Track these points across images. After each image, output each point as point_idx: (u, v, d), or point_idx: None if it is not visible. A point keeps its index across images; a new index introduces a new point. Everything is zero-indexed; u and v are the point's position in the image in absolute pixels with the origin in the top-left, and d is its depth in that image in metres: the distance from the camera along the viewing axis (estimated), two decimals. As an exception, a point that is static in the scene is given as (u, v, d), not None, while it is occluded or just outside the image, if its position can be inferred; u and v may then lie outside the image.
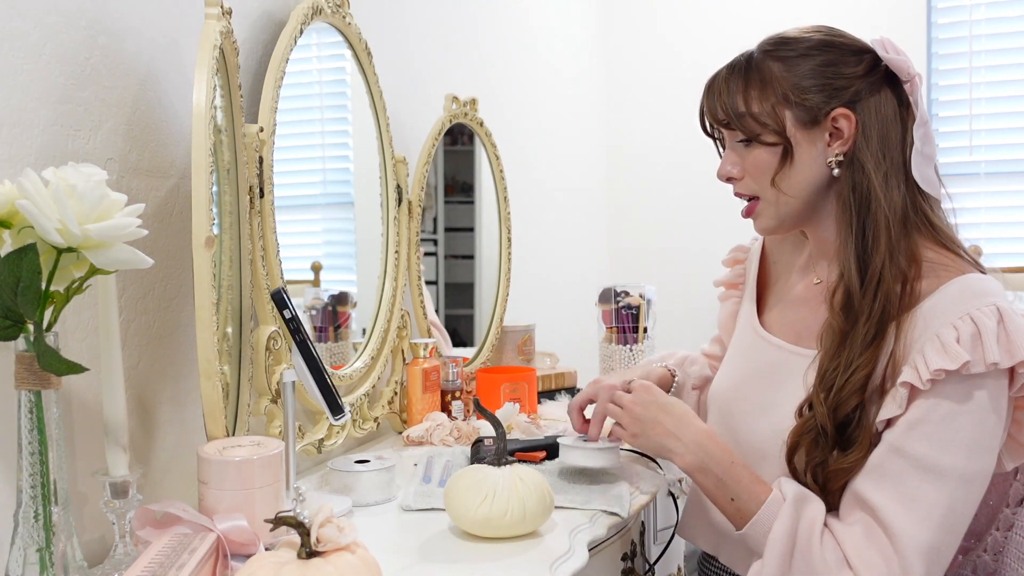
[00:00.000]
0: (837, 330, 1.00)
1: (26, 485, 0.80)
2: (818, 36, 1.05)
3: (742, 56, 1.09)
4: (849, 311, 0.99)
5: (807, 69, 1.03)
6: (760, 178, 1.06)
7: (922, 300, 0.97)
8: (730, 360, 1.20)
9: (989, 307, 0.93)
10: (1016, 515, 1.05)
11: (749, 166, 1.07)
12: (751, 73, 1.05)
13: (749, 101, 1.04)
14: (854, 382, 0.97)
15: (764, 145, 1.04)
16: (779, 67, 1.04)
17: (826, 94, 1.02)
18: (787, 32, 1.08)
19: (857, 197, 1.01)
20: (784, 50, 1.05)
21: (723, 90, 1.07)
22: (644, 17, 3.03)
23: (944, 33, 2.69)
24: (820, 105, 1.02)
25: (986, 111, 2.62)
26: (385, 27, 1.61)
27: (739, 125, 1.05)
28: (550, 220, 2.51)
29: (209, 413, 0.97)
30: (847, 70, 1.03)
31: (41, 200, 0.76)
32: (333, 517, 0.78)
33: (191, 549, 0.80)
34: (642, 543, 1.29)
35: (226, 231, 1.10)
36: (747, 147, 1.07)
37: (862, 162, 1.01)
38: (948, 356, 0.91)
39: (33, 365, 0.78)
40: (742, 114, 1.05)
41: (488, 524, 0.98)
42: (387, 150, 1.52)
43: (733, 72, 1.07)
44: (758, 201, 1.08)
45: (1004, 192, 2.65)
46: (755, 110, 1.04)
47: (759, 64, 1.05)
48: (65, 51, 0.93)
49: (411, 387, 1.53)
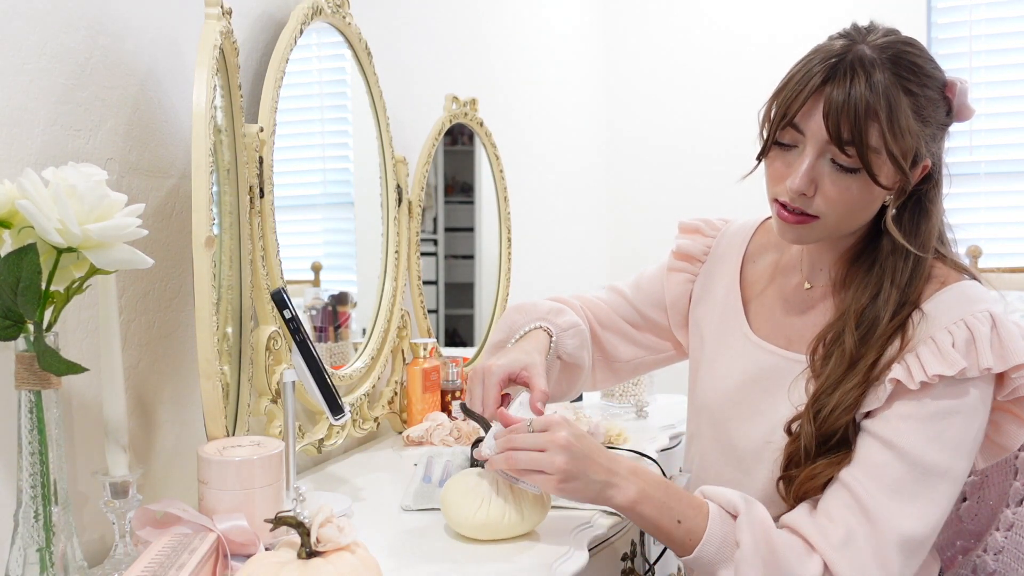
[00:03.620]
0: (848, 355, 0.97)
1: (26, 485, 0.80)
2: (929, 65, 0.98)
3: (861, 65, 0.94)
4: (867, 339, 0.97)
5: (927, 112, 0.96)
6: (842, 207, 0.97)
7: (920, 306, 0.97)
8: (721, 365, 1.15)
9: (983, 313, 0.94)
10: (1016, 515, 1.05)
11: (835, 192, 0.96)
12: (884, 97, 0.93)
13: (885, 135, 0.93)
14: (847, 402, 0.96)
15: (878, 183, 0.95)
16: (908, 102, 0.94)
17: (930, 146, 0.98)
18: (896, 42, 0.97)
19: (919, 239, 0.98)
20: (913, 81, 0.95)
21: (857, 109, 0.92)
22: (644, 17, 3.03)
23: (944, 33, 2.69)
24: (924, 153, 0.97)
25: (986, 111, 2.63)
26: (385, 27, 1.61)
27: (864, 158, 0.93)
28: (550, 220, 2.51)
29: (209, 413, 0.97)
30: (944, 118, 0.99)
31: (41, 200, 0.76)
32: (333, 517, 0.78)
33: (191, 549, 0.80)
34: (642, 543, 1.29)
35: (226, 231, 1.10)
36: (844, 174, 0.95)
37: (928, 209, 1.00)
38: (945, 362, 0.92)
39: (33, 365, 0.78)
40: (874, 148, 0.93)
41: (487, 528, 0.98)
42: (387, 150, 1.52)
43: (864, 87, 0.93)
44: (816, 219, 0.98)
45: (1004, 192, 2.65)
46: (892, 148, 0.93)
47: (891, 89, 0.94)
48: (65, 51, 0.93)
49: (411, 387, 1.53)
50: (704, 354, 1.18)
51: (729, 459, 1.10)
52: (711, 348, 1.17)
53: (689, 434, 1.22)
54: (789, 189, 0.97)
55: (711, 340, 1.17)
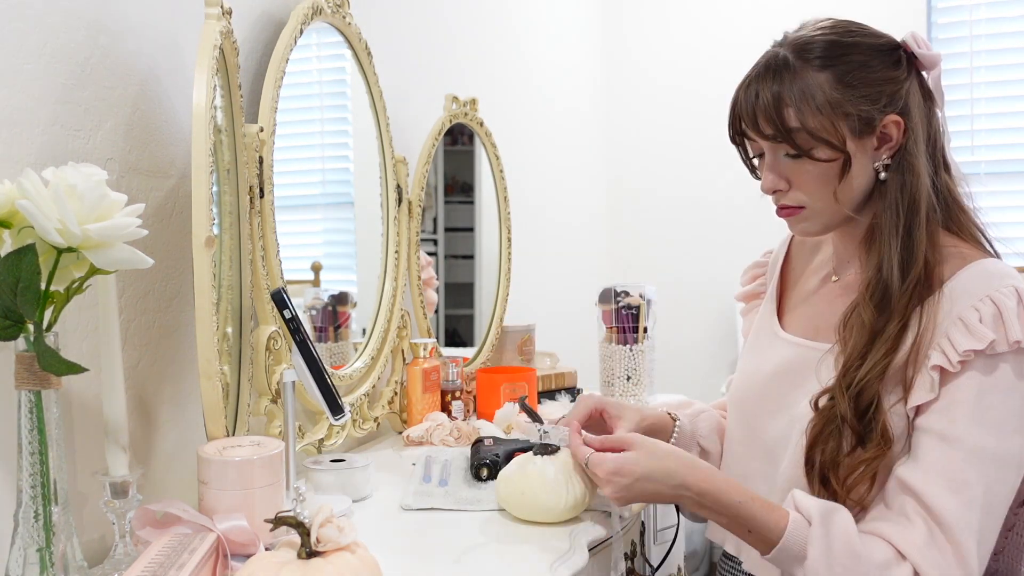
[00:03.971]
0: (868, 326, 0.99)
1: (26, 485, 0.80)
2: (850, 37, 1.02)
3: (774, 62, 1.02)
4: (884, 308, 0.99)
5: (854, 76, 0.99)
6: (814, 191, 1.02)
7: (943, 284, 0.98)
8: (748, 362, 1.19)
9: (1008, 288, 0.95)
10: (1017, 516, 1.05)
11: (801, 180, 1.02)
12: (795, 83, 0.99)
13: (802, 115, 0.98)
14: (876, 371, 0.97)
15: (816, 159, 1.00)
16: (824, 76, 0.99)
17: (880, 102, 1.00)
18: (811, 32, 1.03)
19: (907, 198, 1.00)
20: (821, 54, 1.00)
21: (768, 103, 1.00)
22: (645, 15, 3.03)
23: (944, 33, 2.69)
24: (875, 114, 0.99)
25: (987, 111, 2.63)
26: (385, 27, 1.61)
27: (791, 140, 0.99)
28: (550, 220, 2.51)
29: (209, 413, 0.97)
30: (891, 72, 1.01)
31: (41, 200, 0.76)
32: (333, 517, 0.78)
33: (191, 549, 0.80)
34: (642, 543, 1.29)
35: (226, 231, 1.10)
36: (796, 160, 1.01)
37: (912, 164, 1.01)
38: (974, 336, 0.93)
39: (33, 365, 0.78)
40: (794, 129, 0.99)
41: (576, 507, 1.06)
42: (387, 150, 1.52)
43: (772, 81, 1.00)
44: (803, 209, 1.04)
45: (1005, 192, 2.65)
46: (811, 125, 0.98)
47: (800, 72, 0.99)
48: (65, 51, 0.93)
49: (411, 387, 1.53)
50: (741, 355, 1.23)
51: (756, 452, 1.12)
52: (746, 349, 1.22)
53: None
54: (763, 191, 1.06)
55: (748, 342, 1.22)
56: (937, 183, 1.03)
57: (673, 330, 2.80)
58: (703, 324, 2.95)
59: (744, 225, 2.73)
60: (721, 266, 2.74)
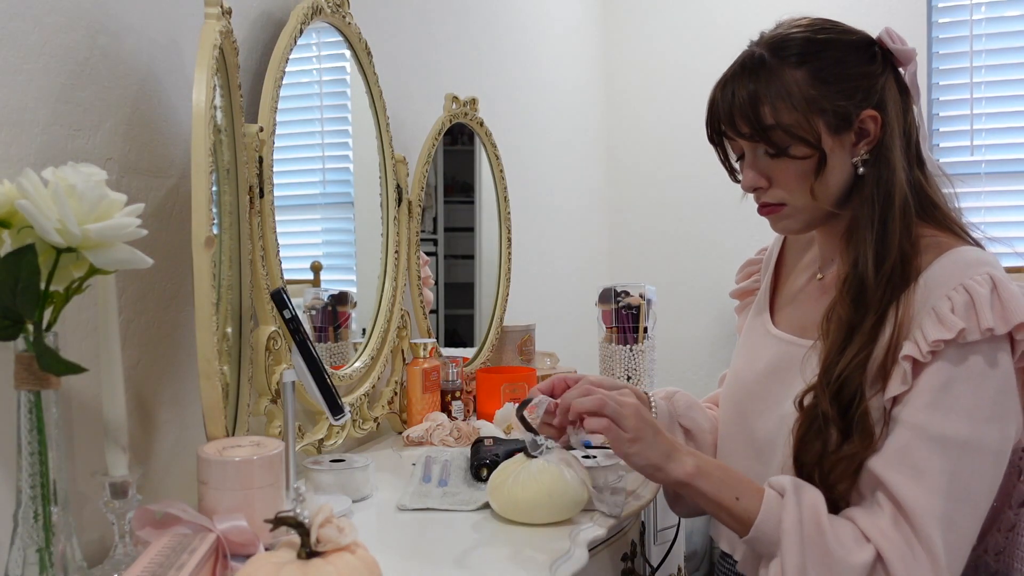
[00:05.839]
0: (845, 321, 1.00)
1: (26, 485, 0.80)
2: (825, 34, 1.03)
3: (750, 61, 1.03)
4: (860, 302, 0.99)
5: (829, 72, 1.00)
6: (794, 188, 1.03)
7: (919, 275, 0.98)
8: (741, 359, 1.20)
9: (982, 275, 0.95)
10: (1018, 516, 1.05)
11: (780, 178, 1.03)
12: (771, 81, 1.00)
13: (778, 112, 1.00)
14: (854, 366, 0.97)
15: (793, 157, 1.01)
16: (800, 73, 1.00)
17: (856, 97, 1.00)
18: (787, 31, 1.05)
19: (882, 192, 1.01)
20: (796, 51, 1.01)
21: (744, 102, 1.01)
22: (645, 16, 3.03)
23: (944, 33, 2.69)
24: (851, 109, 1.00)
25: (987, 111, 2.62)
26: (385, 27, 1.61)
27: (766, 139, 1.01)
28: (550, 220, 2.51)
29: (209, 413, 0.97)
30: (866, 68, 1.02)
31: (40, 200, 0.76)
32: (333, 517, 0.78)
33: (191, 549, 0.80)
34: (642, 543, 1.29)
35: (226, 231, 1.10)
36: (774, 159, 1.02)
37: (888, 158, 1.01)
38: (944, 326, 0.93)
39: (33, 365, 0.78)
40: (770, 127, 1.00)
41: (579, 504, 1.05)
42: (387, 150, 1.52)
43: (748, 80, 1.01)
44: (784, 206, 1.05)
45: (1004, 192, 2.65)
46: (786, 122, 0.99)
47: (776, 70, 1.00)
48: (65, 51, 0.93)
49: (411, 387, 1.53)
50: (735, 353, 1.23)
51: (748, 450, 1.12)
52: (739, 346, 1.22)
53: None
54: (744, 190, 1.08)
55: (741, 340, 1.23)
56: (911, 177, 1.03)
57: (673, 330, 2.80)
58: (703, 324, 2.95)
59: (744, 225, 2.72)
60: (721, 266, 2.74)
